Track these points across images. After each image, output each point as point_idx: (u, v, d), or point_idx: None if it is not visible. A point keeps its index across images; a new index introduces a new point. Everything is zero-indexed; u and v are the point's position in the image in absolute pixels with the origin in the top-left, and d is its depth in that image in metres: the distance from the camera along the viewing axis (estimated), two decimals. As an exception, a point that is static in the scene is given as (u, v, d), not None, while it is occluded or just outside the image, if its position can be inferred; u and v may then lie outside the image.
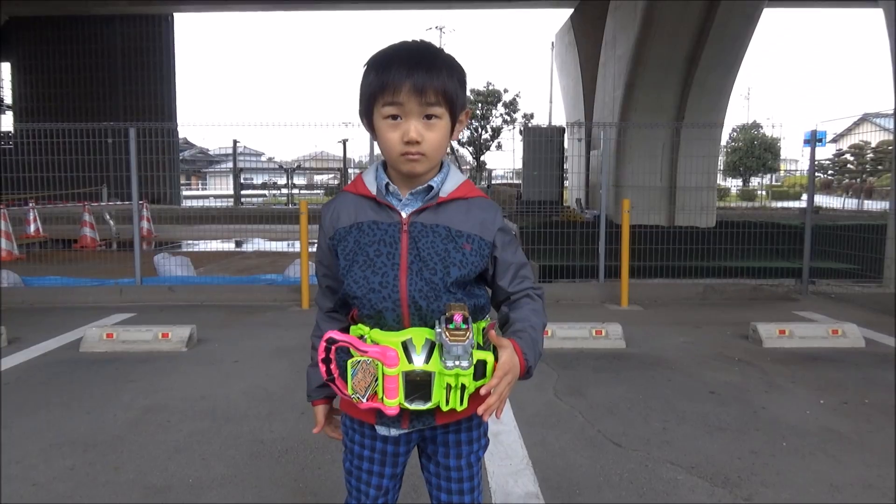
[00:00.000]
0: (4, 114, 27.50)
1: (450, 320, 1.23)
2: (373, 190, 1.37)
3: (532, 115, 35.28)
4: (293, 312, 6.47)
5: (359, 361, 1.26)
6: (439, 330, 1.25)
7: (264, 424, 3.42)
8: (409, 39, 1.35)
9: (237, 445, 3.15)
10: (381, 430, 1.41)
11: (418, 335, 1.29)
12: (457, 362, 1.23)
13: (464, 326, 1.22)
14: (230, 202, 23.29)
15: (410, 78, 1.25)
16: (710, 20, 13.91)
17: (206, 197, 30.85)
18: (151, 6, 24.35)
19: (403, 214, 1.35)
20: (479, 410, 1.25)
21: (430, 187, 1.36)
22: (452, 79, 1.30)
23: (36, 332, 5.46)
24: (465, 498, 1.49)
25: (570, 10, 21.65)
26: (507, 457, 2.99)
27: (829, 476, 2.82)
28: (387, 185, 1.37)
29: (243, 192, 26.86)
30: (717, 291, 7.26)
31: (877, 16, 8.10)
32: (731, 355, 4.80)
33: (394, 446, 1.45)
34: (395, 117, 1.29)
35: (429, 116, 1.29)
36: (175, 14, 26.45)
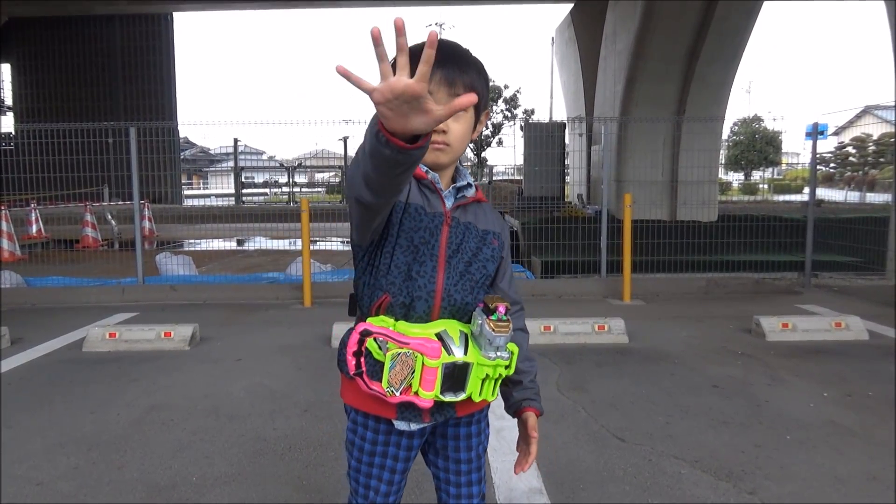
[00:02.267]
0: (5, 115, 27.49)
1: (492, 311, 1.25)
2: (423, 170, 1.36)
3: (533, 111, 35.24)
4: (295, 310, 6.47)
5: (399, 354, 1.26)
6: (481, 321, 1.27)
7: (267, 422, 3.42)
8: (440, 38, 1.37)
9: (240, 443, 3.15)
10: (401, 425, 1.39)
11: (452, 327, 1.31)
12: (498, 353, 1.26)
13: (506, 318, 1.25)
14: (231, 201, 23.32)
15: (442, 69, 1.28)
16: (710, 13, 13.86)
17: (208, 196, 30.84)
18: (151, 6, 24.30)
19: (448, 205, 1.37)
20: (525, 469, 1.46)
21: (467, 186, 1.41)
22: (480, 78, 1.35)
23: (39, 332, 5.47)
24: (474, 489, 1.50)
25: (570, 5, 21.59)
26: (510, 452, 2.99)
27: (833, 469, 2.82)
28: (426, 171, 1.37)
29: (244, 190, 26.84)
30: (720, 285, 7.25)
31: (878, 8, 8.06)
32: (734, 349, 4.79)
33: (408, 440, 1.44)
34: None
35: None
36: (175, 13, 26.41)
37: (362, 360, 1.29)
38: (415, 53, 1.29)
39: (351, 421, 1.48)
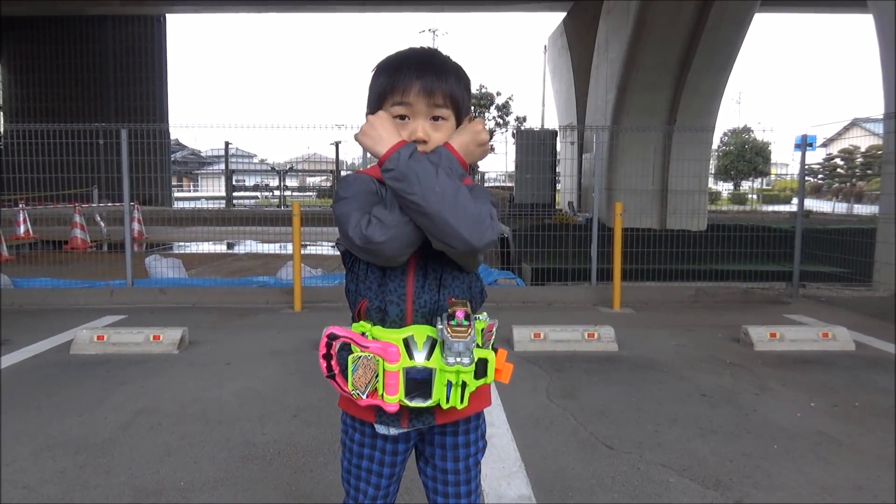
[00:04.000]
0: (-5, 114, 27.32)
1: (451, 316, 1.25)
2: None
3: (525, 118, 35.36)
4: (285, 314, 6.45)
5: (359, 357, 1.27)
6: (441, 326, 1.26)
7: (256, 427, 3.41)
8: (418, 46, 1.40)
9: (229, 448, 3.14)
10: (381, 429, 1.41)
11: (420, 332, 1.31)
12: (458, 359, 1.25)
13: (465, 323, 1.24)
14: (222, 204, 23.25)
15: (420, 80, 1.30)
16: (702, 24, 13.99)
17: (198, 198, 30.76)
18: (143, 7, 24.27)
19: None
20: None
21: None
22: (460, 84, 1.36)
23: (26, 334, 5.42)
24: (462, 501, 1.49)
25: (563, 14, 21.72)
26: (499, 459, 3.00)
27: (819, 478, 2.84)
28: None
29: (235, 193, 26.78)
30: (709, 294, 7.30)
31: (867, 21, 8.16)
32: (723, 358, 4.82)
33: (393, 445, 1.45)
34: (403, 117, 1.33)
35: (436, 118, 1.33)
36: (167, 15, 26.36)
37: (333, 363, 1.31)
38: (395, 62, 1.31)
39: (342, 422, 1.51)
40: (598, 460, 3.02)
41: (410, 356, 1.28)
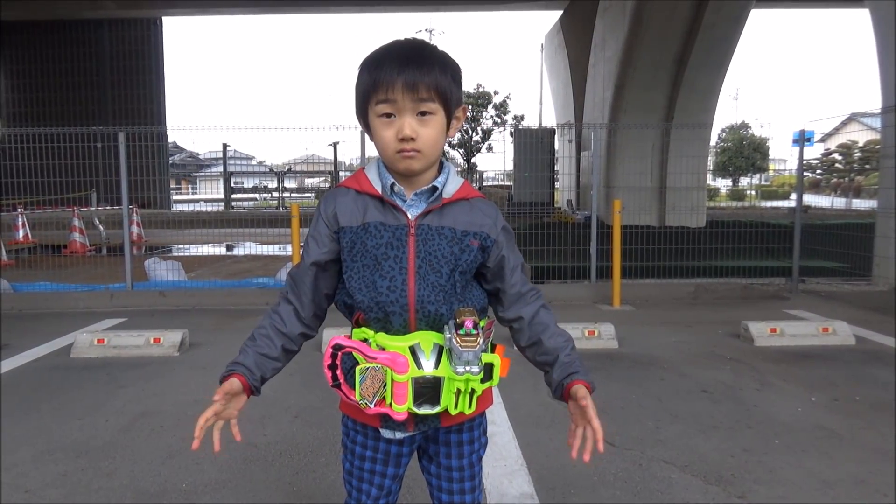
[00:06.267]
0: (-8, 118, 27.30)
1: (460, 326, 1.23)
2: (378, 188, 1.34)
3: (522, 117, 35.35)
4: (285, 316, 6.43)
5: (367, 368, 1.25)
6: (449, 336, 1.24)
7: (257, 428, 3.41)
8: (402, 38, 1.34)
9: (230, 450, 3.13)
10: (386, 434, 1.39)
11: (426, 339, 1.28)
12: (467, 368, 1.24)
13: (474, 332, 1.23)
14: (221, 206, 23.22)
15: (402, 74, 1.24)
16: (698, 21, 14.00)
17: (197, 201, 30.72)
18: (140, 10, 24.28)
19: (410, 216, 1.33)
20: (600, 448, 1.37)
21: (435, 188, 1.34)
22: (445, 74, 1.28)
23: (26, 338, 5.42)
24: (467, 497, 1.48)
25: (560, 12, 21.72)
26: (501, 457, 3.00)
27: (821, 473, 2.84)
28: (392, 184, 1.34)
29: (234, 195, 26.75)
30: (709, 291, 7.30)
31: (863, 16, 8.17)
32: (723, 354, 4.82)
33: (397, 447, 1.44)
34: (389, 115, 1.27)
35: (423, 113, 1.27)
36: (164, 18, 26.34)
37: (338, 372, 1.29)
38: (376, 58, 1.30)
39: (343, 425, 1.49)
40: (600, 457, 3.00)
41: (419, 365, 1.25)
